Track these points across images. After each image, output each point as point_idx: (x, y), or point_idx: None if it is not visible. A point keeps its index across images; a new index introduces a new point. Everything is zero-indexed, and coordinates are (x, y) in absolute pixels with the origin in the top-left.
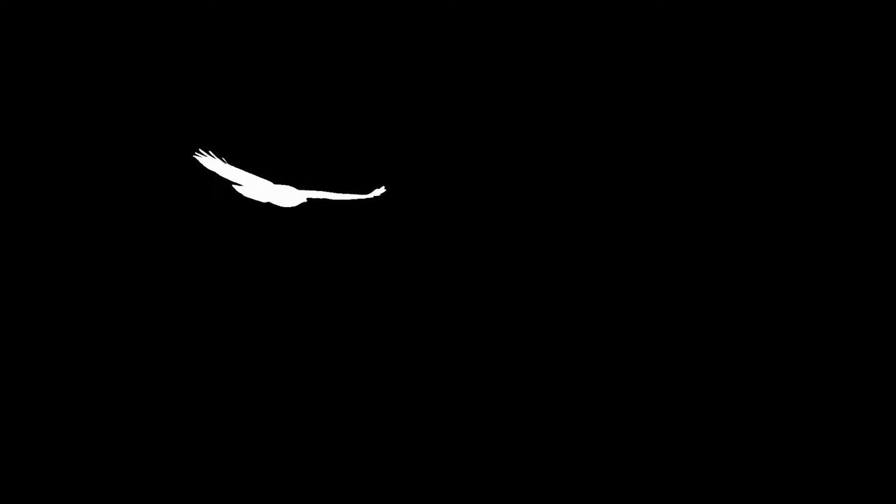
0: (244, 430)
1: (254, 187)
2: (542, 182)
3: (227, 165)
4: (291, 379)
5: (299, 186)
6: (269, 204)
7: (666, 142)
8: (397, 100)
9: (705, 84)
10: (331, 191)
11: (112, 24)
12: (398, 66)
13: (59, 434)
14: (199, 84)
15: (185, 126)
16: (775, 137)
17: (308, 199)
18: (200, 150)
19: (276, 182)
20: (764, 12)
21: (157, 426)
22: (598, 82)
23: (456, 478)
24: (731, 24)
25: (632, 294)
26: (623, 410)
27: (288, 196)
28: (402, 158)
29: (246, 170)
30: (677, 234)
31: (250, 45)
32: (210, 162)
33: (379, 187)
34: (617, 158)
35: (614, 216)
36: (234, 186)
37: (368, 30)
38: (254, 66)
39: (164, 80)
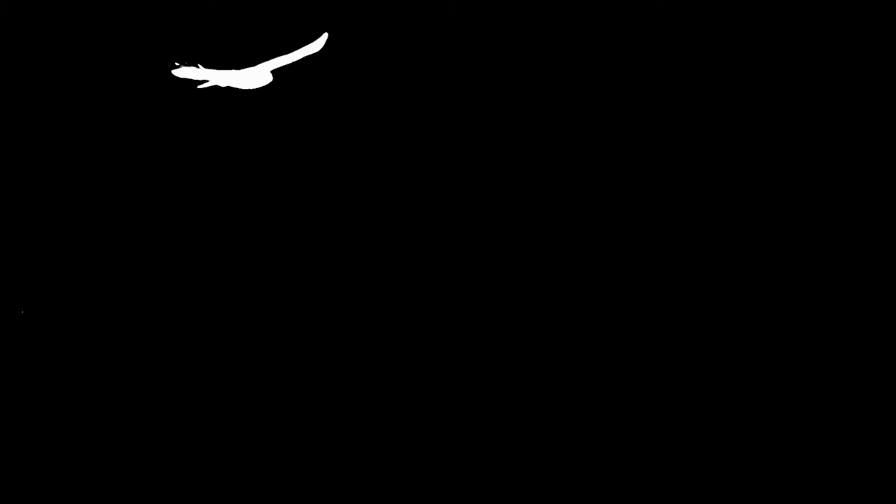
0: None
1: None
2: (541, 181)
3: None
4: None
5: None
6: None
7: (666, 142)
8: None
9: (705, 84)
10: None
11: None
12: (393, 62)
13: (55, 430)
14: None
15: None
16: (775, 137)
17: (271, 71)
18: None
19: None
20: (764, 12)
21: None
22: (598, 82)
23: (456, 478)
24: (730, 24)
25: (632, 294)
26: (623, 410)
27: (253, 77)
28: (399, 156)
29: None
30: (678, 234)
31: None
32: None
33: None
34: (617, 158)
35: (615, 216)
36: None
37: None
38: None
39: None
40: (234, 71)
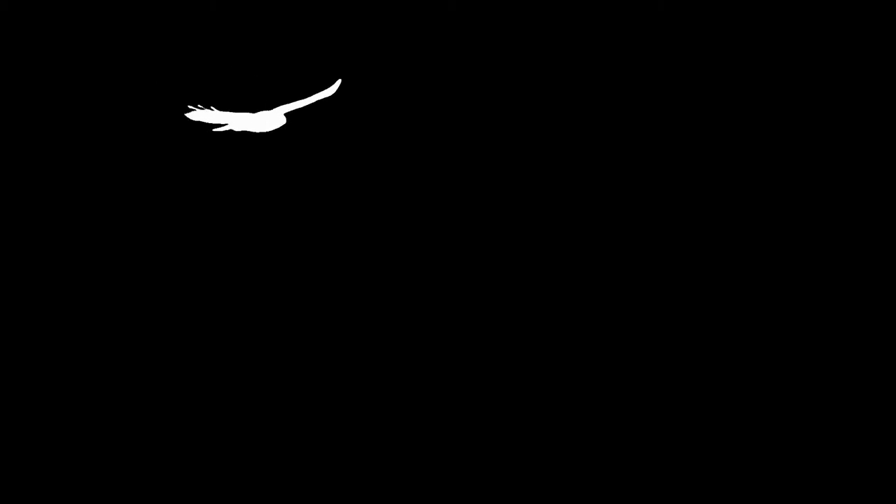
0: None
1: (237, 122)
2: (541, 182)
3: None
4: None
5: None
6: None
7: (666, 142)
8: (392, 97)
9: (705, 84)
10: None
11: None
12: (393, 63)
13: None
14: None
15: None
16: (775, 137)
17: (285, 114)
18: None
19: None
20: (764, 12)
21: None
22: (598, 82)
23: (455, 478)
24: (731, 24)
25: (632, 294)
26: (623, 410)
27: (267, 120)
28: (396, 154)
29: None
30: (677, 234)
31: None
32: (200, 114)
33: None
34: (617, 159)
35: (614, 216)
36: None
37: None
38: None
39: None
40: (248, 114)
